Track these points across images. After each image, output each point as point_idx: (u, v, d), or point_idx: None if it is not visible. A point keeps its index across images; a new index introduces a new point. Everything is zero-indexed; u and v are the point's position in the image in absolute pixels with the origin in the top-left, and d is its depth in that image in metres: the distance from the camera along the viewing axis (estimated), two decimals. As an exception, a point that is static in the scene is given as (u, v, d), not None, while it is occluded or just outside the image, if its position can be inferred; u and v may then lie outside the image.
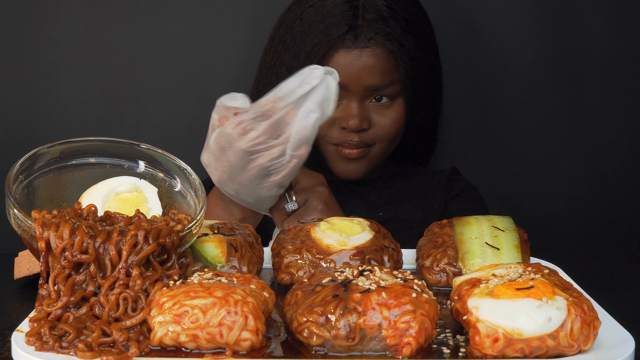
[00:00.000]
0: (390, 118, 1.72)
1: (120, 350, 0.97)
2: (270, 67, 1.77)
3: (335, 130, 1.72)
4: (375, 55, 1.68)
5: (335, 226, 1.26)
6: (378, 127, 1.72)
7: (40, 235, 1.05)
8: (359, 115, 1.69)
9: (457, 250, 1.23)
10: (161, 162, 1.26)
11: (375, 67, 1.68)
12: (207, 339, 0.97)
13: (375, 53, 1.68)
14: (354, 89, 1.68)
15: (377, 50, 1.68)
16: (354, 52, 1.68)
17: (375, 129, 1.72)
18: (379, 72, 1.68)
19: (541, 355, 0.97)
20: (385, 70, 1.69)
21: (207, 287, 1.00)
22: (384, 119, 1.72)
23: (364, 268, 1.07)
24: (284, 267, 1.24)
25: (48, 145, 1.22)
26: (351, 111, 1.69)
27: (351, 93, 1.69)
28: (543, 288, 0.99)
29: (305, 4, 1.73)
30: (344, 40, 1.68)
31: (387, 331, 0.98)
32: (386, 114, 1.72)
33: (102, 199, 1.21)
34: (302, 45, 1.71)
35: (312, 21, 1.71)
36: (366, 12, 1.69)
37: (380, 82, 1.69)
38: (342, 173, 1.78)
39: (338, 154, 1.75)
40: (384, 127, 1.72)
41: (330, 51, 1.68)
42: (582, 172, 2.07)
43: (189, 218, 1.13)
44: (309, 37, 1.70)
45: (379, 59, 1.68)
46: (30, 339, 0.98)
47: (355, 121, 1.68)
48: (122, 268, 1.04)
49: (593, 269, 1.47)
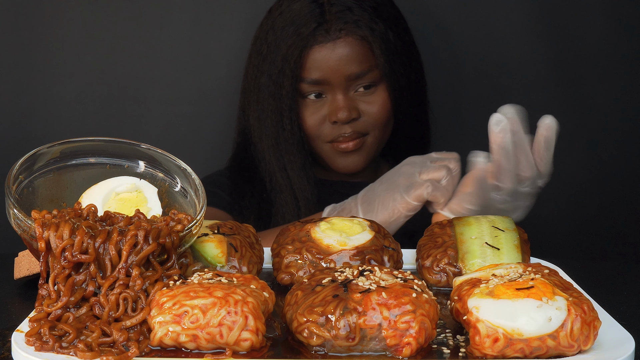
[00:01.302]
0: (377, 104, 1.76)
1: (120, 350, 0.97)
2: (252, 79, 1.81)
3: (327, 127, 1.75)
4: (349, 44, 1.72)
5: (335, 226, 1.26)
6: (367, 115, 1.76)
7: (40, 235, 1.05)
8: (346, 107, 1.72)
9: (457, 250, 1.23)
10: (161, 162, 1.26)
11: (351, 55, 1.72)
12: (207, 339, 0.97)
13: (348, 42, 1.72)
14: (335, 82, 1.72)
15: (349, 39, 1.73)
16: (327, 46, 1.72)
17: (365, 117, 1.76)
18: (356, 59, 1.72)
19: (541, 355, 0.97)
20: (362, 57, 1.73)
21: (207, 287, 1.00)
22: (371, 106, 1.76)
23: (364, 268, 1.07)
24: (284, 267, 1.24)
25: (48, 145, 1.22)
26: (338, 104, 1.73)
27: (334, 86, 1.73)
28: (543, 288, 0.99)
29: (274, 13, 1.79)
30: (316, 36, 1.73)
31: (387, 331, 0.98)
32: (372, 100, 1.76)
33: (102, 199, 1.21)
34: (277, 50, 1.75)
35: (283, 27, 1.76)
36: (332, 6, 1.74)
37: (359, 69, 1.72)
38: (341, 168, 1.79)
39: (335, 151, 1.77)
40: (373, 113, 1.76)
41: (304, 49, 1.72)
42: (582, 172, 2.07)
43: (189, 218, 1.13)
44: (282, 42, 1.75)
45: (353, 47, 1.72)
46: (30, 339, 0.98)
47: (344, 113, 1.72)
48: (122, 268, 1.04)
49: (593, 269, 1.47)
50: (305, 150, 1.79)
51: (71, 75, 2.02)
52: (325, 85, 1.74)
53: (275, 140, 1.78)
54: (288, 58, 1.73)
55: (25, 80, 2.02)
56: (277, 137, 1.78)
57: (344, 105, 1.73)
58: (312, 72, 1.73)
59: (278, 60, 1.74)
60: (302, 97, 1.77)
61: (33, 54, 2.01)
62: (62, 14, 2.00)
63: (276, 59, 1.75)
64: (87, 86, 2.02)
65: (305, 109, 1.77)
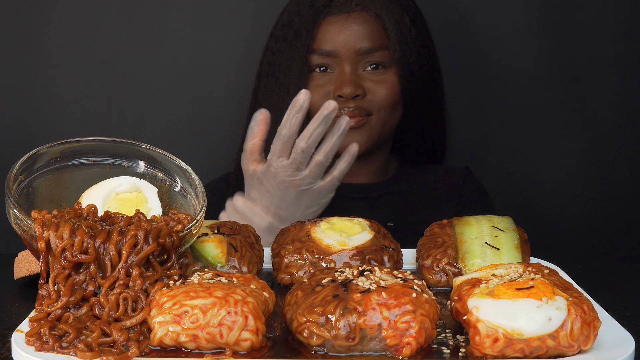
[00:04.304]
0: (385, 86, 1.72)
1: (120, 350, 0.97)
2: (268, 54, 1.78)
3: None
4: (363, 18, 1.71)
5: (335, 226, 1.26)
6: (373, 94, 1.72)
7: (40, 235, 1.05)
8: (352, 81, 1.69)
9: (457, 250, 1.23)
10: (161, 162, 1.26)
11: (363, 31, 1.71)
12: (207, 339, 0.97)
13: (362, 17, 1.71)
14: (344, 55, 1.70)
15: (363, 14, 1.71)
16: (340, 17, 1.71)
17: (370, 96, 1.72)
18: (368, 35, 1.71)
19: (541, 355, 0.97)
20: (374, 34, 1.71)
21: (207, 287, 1.00)
22: (379, 86, 1.72)
23: (364, 268, 1.07)
24: (284, 267, 1.24)
25: (48, 145, 1.22)
26: (345, 78, 1.70)
27: (342, 60, 1.71)
28: (543, 288, 0.99)
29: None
30: (330, 8, 1.71)
31: (387, 331, 0.98)
32: (380, 80, 1.72)
33: (102, 199, 1.21)
34: (291, 23, 1.73)
35: (300, 1, 1.75)
36: None
37: (370, 44, 1.70)
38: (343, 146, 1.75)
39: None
40: (380, 94, 1.72)
41: (317, 20, 1.71)
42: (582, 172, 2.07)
43: (189, 218, 1.13)
44: (296, 14, 1.73)
45: (366, 22, 1.71)
46: (30, 339, 0.98)
47: (349, 87, 1.69)
48: (122, 268, 1.04)
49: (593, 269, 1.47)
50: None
51: (71, 75, 2.02)
52: (334, 58, 1.71)
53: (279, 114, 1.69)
54: (300, 29, 1.71)
55: (26, 80, 2.02)
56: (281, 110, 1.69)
57: (350, 79, 1.69)
58: (323, 44, 1.71)
59: (290, 34, 1.72)
60: (309, 70, 1.73)
61: (33, 53, 2.01)
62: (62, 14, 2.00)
63: (289, 33, 1.73)
64: (87, 86, 2.02)
65: (310, 82, 1.73)
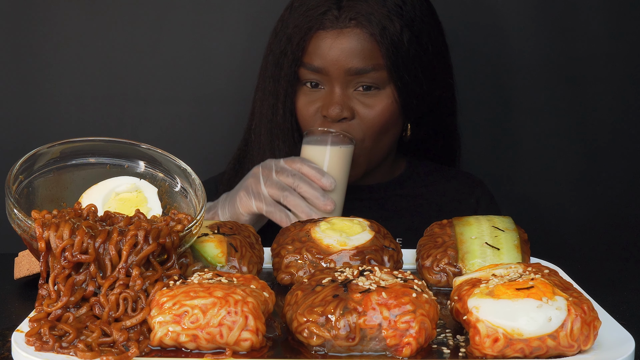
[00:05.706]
0: (376, 109, 1.61)
1: (120, 350, 0.97)
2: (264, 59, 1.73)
3: (319, 119, 1.63)
4: (355, 36, 1.59)
5: (335, 226, 1.26)
6: (361, 117, 1.62)
7: (40, 235, 1.05)
8: (339, 103, 1.59)
9: (457, 250, 1.23)
10: (161, 162, 1.26)
11: (355, 49, 1.58)
12: (207, 339, 0.97)
13: (355, 34, 1.59)
14: (334, 74, 1.60)
15: (357, 31, 1.59)
16: (332, 33, 1.60)
17: (358, 119, 1.62)
18: (360, 54, 1.59)
19: (541, 355, 0.97)
20: (367, 53, 1.59)
21: (207, 287, 1.00)
22: (369, 110, 1.61)
23: (364, 268, 1.07)
24: (284, 267, 1.24)
25: (48, 145, 1.22)
26: (332, 98, 1.60)
27: (332, 78, 1.61)
28: (543, 288, 0.99)
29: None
30: (324, 21, 1.60)
31: (387, 331, 0.98)
32: (370, 103, 1.62)
33: (102, 199, 1.21)
34: (285, 29, 1.65)
35: (297, 6, 1.66)
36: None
37: (361, 65, 1.59)
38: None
39: None
40: (368, 118, 1.61)
41: (309, 32, 1.61)
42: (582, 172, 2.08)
43: (189, 218, 1.13)
44: (291, 21, 1.64)
45: (359, 40, 1.59)
46: (30, 339, 0.98)
47: (335, 109, 1.59)
48: (122, 268, 1.04)
49: (593, 269, 1.47)
50: (294, 139, 1.67)
51: (71, 75, 2.02)
52: (324, 75, 1.61)
53: (269, 125, 1.68)
54: (291, 39, 1.62)
55: (25, 80, 2.02)
56: (271, 121, 1.68)
57: (338, 101, 1.59)
58: (312, 59, 1.61)
59: (283, 40, 1.64)
60: (301, 83, 1.65)
61: (33, 54, 2.01)
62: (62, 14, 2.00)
63: (282, 38, 1.65)
64: (87, 86, 2.03)
65: (301, 97, 1.65)
